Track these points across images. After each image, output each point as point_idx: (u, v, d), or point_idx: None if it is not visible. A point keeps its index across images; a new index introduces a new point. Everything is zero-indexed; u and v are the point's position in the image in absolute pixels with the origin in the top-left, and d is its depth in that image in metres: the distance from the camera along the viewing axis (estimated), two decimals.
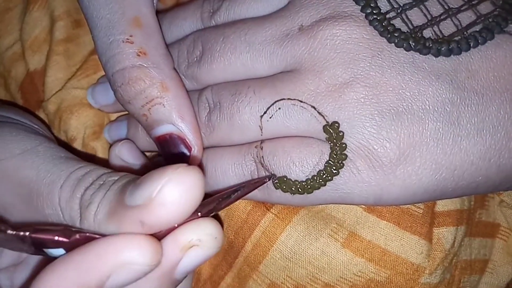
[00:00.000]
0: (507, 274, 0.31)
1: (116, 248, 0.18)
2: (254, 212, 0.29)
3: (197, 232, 0.19)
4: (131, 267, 0.18)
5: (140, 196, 0.18)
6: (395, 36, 0.23)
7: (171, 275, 0.20)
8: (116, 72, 0.25)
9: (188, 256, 0.20)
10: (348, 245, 0.27)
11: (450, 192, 0.25)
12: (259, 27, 0.26)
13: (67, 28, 0.34)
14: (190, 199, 0.18)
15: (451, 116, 0.23)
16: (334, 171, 0.24)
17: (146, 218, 0.18)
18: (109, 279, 0.18)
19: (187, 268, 0.20)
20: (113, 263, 0.18)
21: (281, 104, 0.25)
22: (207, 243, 0.19)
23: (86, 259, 0.18)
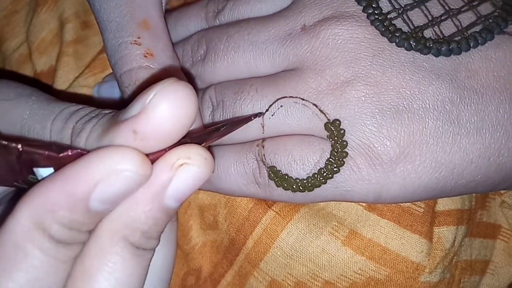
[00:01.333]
0: (508, 276, 0.31)
1: (103, 156, 0.17)
2: (256, 209, 0.29)
3: (187, 151, 0.18)
4: (119, 175, 0.17)
5: (133, 108, 0.18)
6: (396, 36, 0.23)
7: (161, 199, 0.19)
8: (123, 73, 0.25)
9: (178, 176, 0.18)
10: (349, 243, 0.27)
11: (449, 191, 0.24)
12: (262, 26, 0.26)
13: (76, 29, 0.35)
14: (183, 107, 0.17)
15: (451, 115, 0.23)
16: (335, 168, 0.24)
17: (138, 125, 0.18)
18: (96, 188, 0.17)
19: (177, 190, 0.19)
20: (100, 171, 0.17)
21: (283, 102, 0.25)
22: (196, 161, 0.18)
23: (74, 171, 0.17)
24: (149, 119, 0.17)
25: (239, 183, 0.26)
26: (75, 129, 0.20)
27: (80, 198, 0.17)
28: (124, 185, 0.17)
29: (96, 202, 0.17)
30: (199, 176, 0.19)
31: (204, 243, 0.31)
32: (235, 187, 0.26)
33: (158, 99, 0.17)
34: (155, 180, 0.18)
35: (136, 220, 0.19)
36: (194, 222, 0.31)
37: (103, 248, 0.18)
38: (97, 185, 0.17)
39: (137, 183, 0.18)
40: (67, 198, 0.17)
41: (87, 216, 0.18)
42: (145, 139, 0.18)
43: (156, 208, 0.19)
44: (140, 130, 0.17)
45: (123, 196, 0.18)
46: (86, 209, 0.17)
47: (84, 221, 0.18)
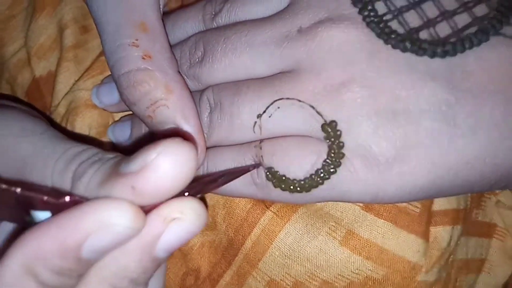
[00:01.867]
0: (504, 274, 0.31)
1: (96, 208, 0.17)
2: (254, 210, 0.29)
3: (180, 206, 0.19)
4: (111, 229, 0.17)
5: (134, 163, 0.18)
6: (391, 37, 0.23)
7: (152, 250, 0.19)
8: (121, 75, 0.25)
9: (170, 230, 0.19)
10: (346, 243, 0.27)
11: (445, 191, 0.24)
12: (259, 28, 0.26)
13: (76, 34, 0.34)
14: (183, 170, 0.18)
15: (446, 116, 0.23)
16: (332, 169, 0.24)
17: (138, 183, 0.18)
18: (88, 240, 0.17)
19: (168, 243, 0.19)
20: (93, 223, 0.17)
21: (280, 103, 0.24)
22: (189, 217, 0.18)
23: (67, 220, 0.18)
24: (149, 179, 0.17)
25: (237, 184, 0.26)
26: (76, 172, 0.20)
27: (71, 248, 0.17)
28: (115, 239, 0.18)
29: (87, 251, 0.17)
30: (191, 231, 0.19)
31: (203, 243, 0.30)
32: (233, 188, 0.26)
33: (162, 159, 0.17)
34: (147, 232, 0.18)
35: (125, 269, 0.19)
36: None
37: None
38: (89, 236, 0.17)
39: (128, 237, 0.18)
40: (59, 246, 0.17)
41: (78, 264, 0.18)
42: (142, 195, 0.18)
43: (146, 259, 0.19)
44: (139, 187, 0.18)
45: (114, 247, 0.18)
46: (77, 258, 0.17)
47: (75, 268, 0.18)
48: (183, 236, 0.19)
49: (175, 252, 0.31)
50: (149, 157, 0.18)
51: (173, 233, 0.19)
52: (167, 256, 0.20)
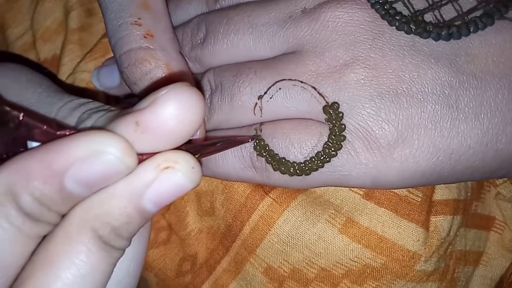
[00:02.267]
0: (501, 267, 0.31)
1: (88, 135, 0.17)
2: (253, 196, 0.28)
3: (175, 156, 0.18)
4: (99, 157, 0.16)
5: (141, 103, 0.17)
6: (396, 19, 0.23)
7: (139, 199, 0.18)
8: (123, 53, 0.25)
9: (161, 178, 0.18)
10: (345, 231, 0.27)
11: (446, 176, 0.24)
12: (262, 9, 0.25)
13: (81, 17, 0.34)
14: (191, 112, 0.17)
15: (450, 100, 0.23)
16: (332, 152, 0.23)
17: (143, 117, 0.17)
18: (74, 167, 0.16)
19: (157, 194, 0.18)
20: (81, 149, 0.16)
21: (281, 84, 0.24)
22: (183, 168, 0.18)
23: (57, 145, 0.17)
24: (155, 112, 0.17)
25: (236, 166, 0.26)
26: (81, 118, 0.20)
27: (55, 172, 0.17)
28: (102, 169, 0.17)
29: (71, 180, 0.17)
30: (182, 184, 0.18)
31: (201, 229, 0.30)
32: (232, 171, 0.26)
33: (169, 96, 0.17)
34: (137, 177, 0.18)
35: (108, 214, 0.18)
36: (191, 208, 0.30)
37: (70, 235, 0.18)
38: (76, 162, 0.16)
39: (117, 171, 0.17)
40: (42, 168, 0.17)
41: (60, 195, 0.17)
42: (145, 132, 0.17)
43: (132, 207, 0.18)
44: (143, 122, 0.17)
45: (100, 181, 0.17)
46: (59, 186, 0.17)
47: (55, 198, 0.17)
48: (174, 189, 0.18)
49: (172, 237, 0.31)
50: (159, 93, 0.17)
51: (164, 182, 0.18)
52: (154, 210, 0.18)
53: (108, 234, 0.18)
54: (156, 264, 0.30)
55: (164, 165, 0.18)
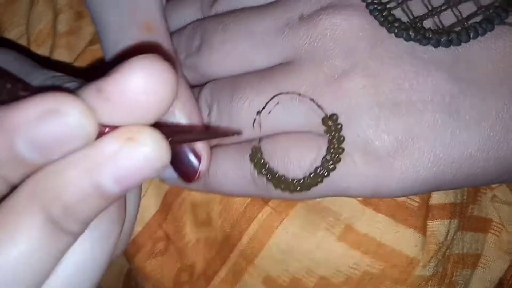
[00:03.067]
0: (499, 269, 0.30)
1: (46, 95, 0.15)
2: (252, 205, 0.28)
3: (140, 128, 0.16)
4: (54, 116, 0.14)
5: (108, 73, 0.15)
6: (395, 26, 0.22)
7: (97, 174, 0.15)
8: None
9: (123, 152, 0.15)
10: (344, 238, 0.26)
11: (447, 184, 0.23)
12: (259, 16, 0.24)
13: (69, 20, 0.33)
14: (156, 78, 0.15)
15: (450, 108, 0.22)
16: (331, 166, 0.23)
17: (105, 84, 0.15)
18: (28, 125, 0.15)
19: (117, 169, 0.16)
20: (37, 108, 0.15)
21: (279, 98, 0.23)
22: (148, 141, 0.15)
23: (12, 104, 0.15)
24: (117, 79, 0.15)
25: (238, 185, 0.25)
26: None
27: (6, 129, 0.15)
28: (57, 129, 0.15)
29: (23, 141, 0.15)
30: (147, 159, 0.15)
31: (198, 239, 0.29)
32: (235, 189, 0.25)
33: (133, 64, 0.15)
34: (96, 148, 0.16)
35: (61, 187, 0.16)
36: (188, 218, 0.30)
37: (16, 206, 0.16)
38: (29, 121, 0.15)
39: (74, 134, 0.15)
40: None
41: (9, 155, 0.15)
42: (108, 100, 0.15)
43: (88, 182, 0.15)
44: (106, 88, 0.15)
45: (54, 145, 0.15)
46: (9, 145, 0.15)
47: (4, 160, 0.15)
48: (137, 164, 0.15)
49: (170, 247, 0.30)
50: (126, 63, 0.15)
51: (125, 155, 0.15)
52: (115, 190, 0.16)
53: (59, 212, 0.16)
54: (153, 275, 0.30)
55: (126, 135, 0.15)
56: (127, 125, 0.16)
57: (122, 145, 0.15)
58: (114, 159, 0.15)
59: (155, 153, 0.16)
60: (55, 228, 0.16)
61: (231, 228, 0.28)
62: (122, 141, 0.15)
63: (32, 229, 0.15)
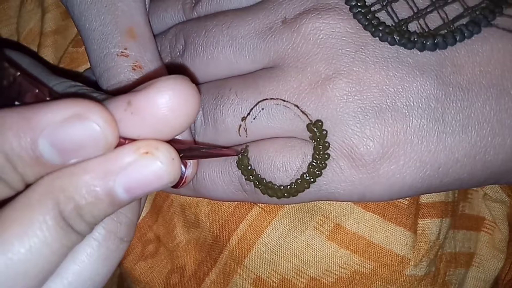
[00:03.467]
0: (494, 268, 0.30)
1: (73, 101, 0.16)
2: (241, 205, 0.28)
3: (157, 143, 0.17)
4: (79, 121, 0.15)
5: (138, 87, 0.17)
6: (379, 30, 0.21)
7: (111, 180, 0.17)
8: (111, 86, 0.23)
9: (138, 164, 0.16)
10: (333, 237, 0.26)
11: (434, 189, 0.23)
12: (241, 20, 0.24)
13: (56, 19, 0.33)
14: (185, 101, 0.16)
15: (436, 113, 0.22)
16: (317, 172, 0.23)
17: (135, 98, 0.16)
18: (53, 126, 0.15)
19: (130, 179, 0.17)
20: (64, 112, 0.15)
21: (264, 104, 0.23)
22: (162, 157, 0.17)
23: (41, 105, 0.16)
24: (149, 96, 0.16)
25: (227, 191, 0.25)
26: (75, 95, 0.19)
27: (31, 127, 0.15)
28: (79, 134, 0.16)
29: (46, 141, 0.16)
30: (159, 174, 0.17)
31: (188, 240, 0.29)
32: (223, 195, 0.25)
33: (166, 83, 0.16)
34: (113, 157, 0.17)
35: (76, 189, 0.16)
36: (178, 220, 0.30)
37: (30, 202, 0.16)
38: (54, 123, 0.15)
39: (95, 141, 0.16)
40: (19, 121, 0.15)
41: (30, 154, 0.16)
42: (135, 114, 0.16)
43: (101, 187, 0.17)
44: (135, 102, 0.16)
45: (75, 149, 0.16)
46: (32, 143, 0.16)
47: (24, 157, 0.16)
48: (149, 177, 0.17)
49: (160, 249, 0.30)
50: (157, 80, 0.16)
51: (140, 168, 0.16)
52: (124, 198, 0.17)
53: (70, 210, 0.17)
54: (143, 278, 0.30)
55: (144, 149, 0.17)
56: (145, 139, 0.17)
57: (139, 158, 0.17)
58: (129, 169, 0.17)
59: (168, 169, 0.17)
60: (65, 225, 0.17)
61: (220, 228, 0.28)
62: (139, 154, 0.17)
63: (44, 224, 0.16)
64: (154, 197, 0.30)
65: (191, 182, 0.26)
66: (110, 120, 0.16)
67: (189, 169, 0.24)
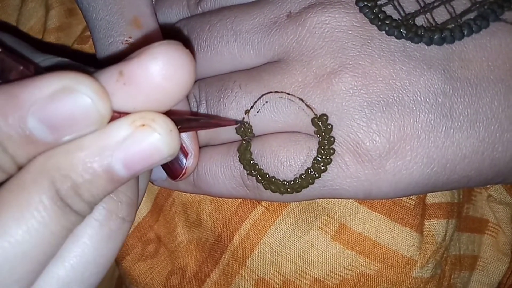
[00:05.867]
0: (498, 272, 0.30)
1: (62, 73, 0.15)
2: (244, 204, 0.28)
3: (153, 115, 0.16)
4: (69, 94, 0.15)
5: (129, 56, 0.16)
6: (386, 23, 0.22)
7: (107, 156, 0.16)
8: None
9: (135, 137, 0.16)
10: (338, 238, 0.26)
11: (441, 186, 0.23)
12: (246, 14, 0.24)
13: (60, 17, 0.33)
14: (178, 67, 0.16)
15: (443, 108, 0.22)
16: (322, 167, 0.23)
17: (127, 67, 0.15)
18: (40, 102, 0.15)
19: (128, 153, 0.16)
20: (52, 85, 0.15)
21: (268, 97, 0.23)
22: (160, 129, 0.16)
23: (27, 80, 0.15)
24: (142, 64, 0.15)
25: (228, 186, 0.25)
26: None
27: (19, 105, 0.15)
28: (70, 108, 0.15)
29: (35, 118, 0.15)
30: (158, 146, 0.16)
31: (190, 241, 0.29)
32: (224, 190, 0.25)
33: (160, 50, 0.15)
34: (109, 132, 0.16)
35: (72, 166, 0.16)
36: (179, 219, 0.29)
37: (25, 183, 0.16)
38: (43, 98, 0.15)
39: (87, 115, 0.15)
40: (5, 99, 0.15)
41: (19, 133, 0.15)
42: (128, 84, 0.16)
43: (98, 163, 0.16)
44: (127, 72, 0.16)
45: (66, 124, 0.15)
46: (21, 122, 0.15)
47: (14, 137, 0.15)
48: (148, 151, 0.16)
49: (160, 249, 0.30)
50: (149, 47, 0.16)
51: (137, 141, 0.16)
52: (123, 174, 0.17)
53: (67, 189, 0.16)
54: (142, 279, 0.30)
55: (140, 122, 0.16)
56: (140, 111, 0.16)
57: (135, 131, 0.16)
58: (126, 143, 0.16)
59: (166, 141, 0.16)
60: (63, 205, 0.16)
61: (223, 228, 0.28)
62: (135, 127, 0.16)
63: (40, 204, 0.16)
64: (156, 196, 0.30)
65: (192, 176, 0.26)
66: (101, 92, 0.15)
67: (189, 160, 0.24)
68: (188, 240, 0.29)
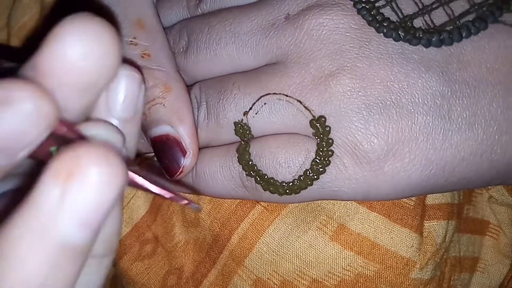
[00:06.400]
0: (499, 274, 0.30)
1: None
2: (243, 203, 0.28)
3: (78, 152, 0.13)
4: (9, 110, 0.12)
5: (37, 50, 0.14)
6: (384, 25, 0.22)
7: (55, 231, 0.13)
8: None
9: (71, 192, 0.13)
10: (337, 238, 0.26)
11: (440, 188, 0.23)
12: (244, 16, 0.24)
13: None
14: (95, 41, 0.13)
15: (442, 110, 0.22)
16: (321, 169, 0.23)
17: (38, 58, 0.13)
18: None
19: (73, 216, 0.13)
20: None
21: (266, 99, 0.23)
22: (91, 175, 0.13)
23: None
24: (49, 49, 0.13)
25: (227, 187, 0.25)
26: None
27: None
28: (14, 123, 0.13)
29: None
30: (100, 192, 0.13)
31: (187, 240, 0.29)
32: (223, 191, 0.25)
33: (64, 27, 0.13)
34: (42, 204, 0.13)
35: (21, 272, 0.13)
36: (177, 219, 0.30)
37: None
38: None
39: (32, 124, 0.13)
40: None
41: None
42: (46, 77, 0.14)
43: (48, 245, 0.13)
44: (39, 63, 0.13)
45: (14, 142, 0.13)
46: None
47: None
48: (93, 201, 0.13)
49: (158, 250, 0.30)
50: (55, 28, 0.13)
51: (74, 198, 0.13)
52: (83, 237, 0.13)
53: None
54: (139, 279, 0.30)
55: (68, 171, 0.13)
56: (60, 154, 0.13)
57: (65, 188, 0.13)
58: (62, 207, 0.13)
59: (106, 183, 0.13)
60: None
61: (221, 227, 0.28)
62: (62, 183, 0.13)
63: None
64: (154, 196, 0.30)
65: (190, 177, 0.26)
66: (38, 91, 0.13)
67: (187, 158, 0.24)
68: (185, 240, 0.29)
